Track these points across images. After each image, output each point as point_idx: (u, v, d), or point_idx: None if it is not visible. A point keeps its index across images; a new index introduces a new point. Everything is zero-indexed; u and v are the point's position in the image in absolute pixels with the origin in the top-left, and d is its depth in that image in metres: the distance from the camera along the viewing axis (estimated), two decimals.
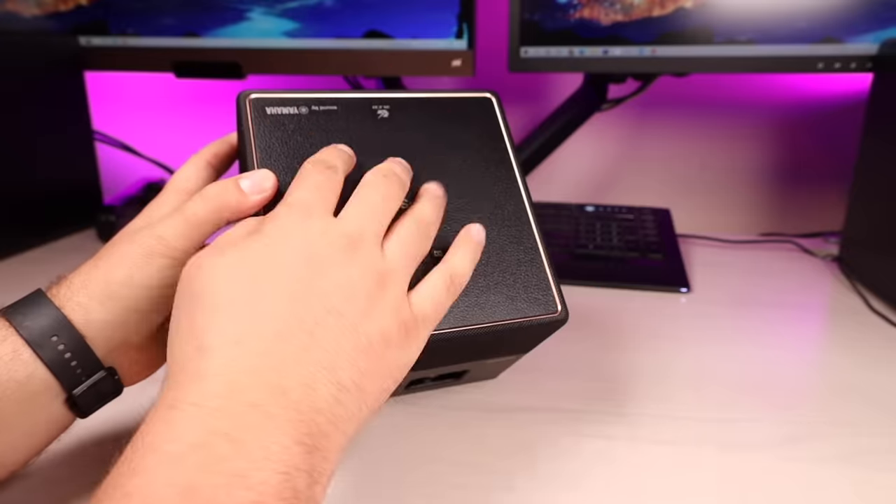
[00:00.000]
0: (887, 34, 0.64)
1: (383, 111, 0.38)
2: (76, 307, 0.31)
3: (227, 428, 0.22)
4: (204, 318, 0.26)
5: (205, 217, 0.32)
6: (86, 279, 0.32)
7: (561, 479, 0.35)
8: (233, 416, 0.22)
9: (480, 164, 0.38)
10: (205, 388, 0.23)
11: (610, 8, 0.68)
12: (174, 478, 0.21)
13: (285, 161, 0.34)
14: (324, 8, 0.73)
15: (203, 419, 0.22)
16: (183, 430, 0.22)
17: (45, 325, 0.30)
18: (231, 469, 0.21)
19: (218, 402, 0.23)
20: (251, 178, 0.33)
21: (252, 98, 0.36)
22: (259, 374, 0.24)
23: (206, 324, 0.25)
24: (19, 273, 0.66)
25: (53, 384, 0.30)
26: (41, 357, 0.30)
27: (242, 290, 0.26)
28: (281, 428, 0.23)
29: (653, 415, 0.41)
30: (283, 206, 0.30)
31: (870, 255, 0.63)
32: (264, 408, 0.23)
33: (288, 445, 0.22)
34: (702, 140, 0.89)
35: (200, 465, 0.21)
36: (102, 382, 0.32)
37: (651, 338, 0.53)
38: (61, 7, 0.79)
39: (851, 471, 0.36)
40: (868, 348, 0.51)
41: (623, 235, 0.72)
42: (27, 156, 0.73)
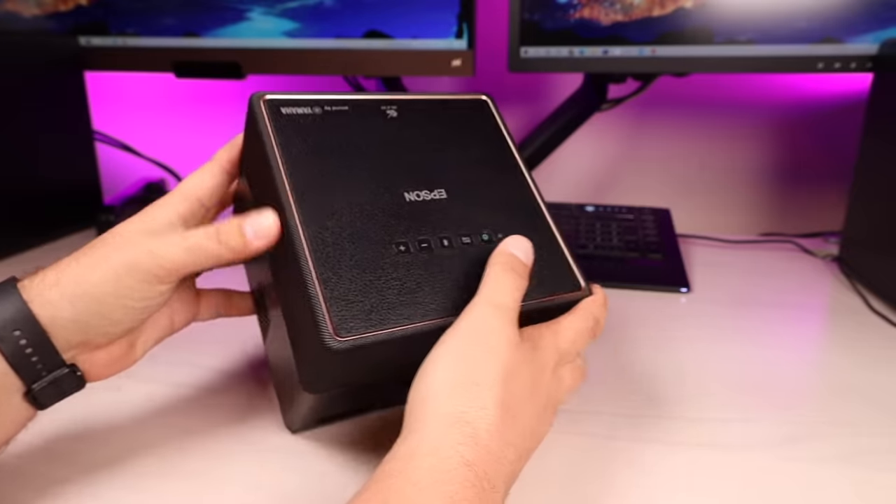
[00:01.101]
0: (887, 34, 0.64)
1: (392, 111, 0.39)
2: (45, 303, 0.31)
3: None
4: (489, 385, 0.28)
5: (207, 254, 0.33)
6: (60, 275, 0.31)
7: (559, 478, 0.35)
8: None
9: (487, 158, 0.40)
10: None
11: (610, 8, 0.68)
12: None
13: (306, 157, 0.34)
14: (324, 8, 0.73)
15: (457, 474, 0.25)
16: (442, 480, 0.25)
17: (8, 318, 0.30)
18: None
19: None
20: (257, 224, 0.33)
21: (267, 99, 0.36)
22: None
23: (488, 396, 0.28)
24: (19, 273, 0.66)
25: (13, 378, 0.30)
26: (3, 352, 0.29)
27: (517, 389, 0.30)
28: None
29: (652, 415, 0.41)
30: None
31: (870, 255, 0.63)
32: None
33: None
34: (701, 140, 0.89)
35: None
36: (63, 379, 0.32)
37: (651, 338, 0.53)
38: (61, 7, 0.79)
39: (851, 471, 0.36)
40: (868, 348, 0.51)
41: (623, 235, 0.72)
42: (27, 156, 0.73)
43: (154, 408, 0.41)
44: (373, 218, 0.34)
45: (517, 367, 0.30)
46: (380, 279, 0.32)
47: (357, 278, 0.31)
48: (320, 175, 0.34)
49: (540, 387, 0.31)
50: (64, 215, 0.79)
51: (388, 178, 0.36)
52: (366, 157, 0.36)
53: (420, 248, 0.34)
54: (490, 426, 0.27)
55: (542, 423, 0.32)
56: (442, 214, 0.35)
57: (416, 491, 0.24)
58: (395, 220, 0.34)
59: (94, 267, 0.32)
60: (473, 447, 0.26)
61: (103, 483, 0.34)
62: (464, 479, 0.25)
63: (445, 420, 0.27)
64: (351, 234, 0.33)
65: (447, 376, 0.28)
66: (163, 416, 0.41)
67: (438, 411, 0.27)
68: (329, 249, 0.32)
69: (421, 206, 0.35)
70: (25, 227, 0.74)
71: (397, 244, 0.33)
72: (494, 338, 0.30)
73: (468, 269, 0.34)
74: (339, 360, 0.29)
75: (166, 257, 0.32)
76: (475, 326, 0.30)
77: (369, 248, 0.33)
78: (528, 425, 0.30)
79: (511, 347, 0.30)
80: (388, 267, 0.32)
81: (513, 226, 0.37)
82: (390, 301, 0.31)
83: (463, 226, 0.35)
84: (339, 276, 0.31)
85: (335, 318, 0.29)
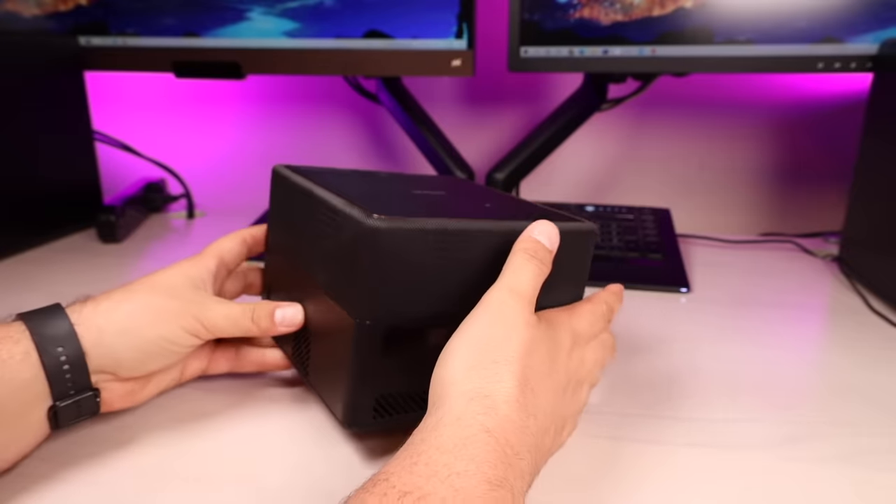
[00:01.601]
0: (887, 34, 0.64)
1: (383, 175, 0.48)
2: (91, 327, 0.35)
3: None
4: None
5: (240, 327, 0.39)
6: (113, 308, 0.36)
7: (560, 479, 0.35)
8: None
9: (479, 189, 0.47)
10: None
11: (610, 8, 0.68)
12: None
13: (320, 178, 0.41)
14: (324, 8, 0.73)
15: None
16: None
17: (57, 335, 0.33)
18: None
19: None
20: (285, 312, 0.39)
21: (288, 166, 0.44)
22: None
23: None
24: (19, 273, 0.66)
25: (45, 389, 0.33)
26: (44, 362, 0.33)
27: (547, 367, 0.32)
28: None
29: (652, 415, 0.41)
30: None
31: (870, 255, 0.63)
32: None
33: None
34: (701, 140, 0.89)
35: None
36: (85, 402, 0.35)
37: (650, 338, 0.53)
38: (61, 7, 0.79)
39: (851, 471, 0.36)
40: (868, 348, 0.51)
41: (623, 235, 0.72)
42: (27, 156, 0.73)
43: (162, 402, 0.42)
44: (390, 193, 0.40)
45: (534, 344, 0.31)
46: (407, 202, 0.38)
47: (382, 202, 0.36)
48: (336, 182, 0.40)
49: (558, 364, 0.33)
50: (64, 215, 0.79)
51: (395, 185, 0.44)
52: (374, 179, 0.45)
53: (432, 198, 0.40)
54: (509, 398, 0.29)
55: (564, 402, 0.34)
56: (447, 198, 0.41)
57: (442, 455, 0.26)
58: (408, 196, 0.40)
59: (147, 310, 0.36)
60: (493, 416, 0.28)
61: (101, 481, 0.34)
62: (485, 443, 0.27)
63: (466, 395, 0.29)
64: (373, 192, 0.39)
65: (467, 357, 0.30)
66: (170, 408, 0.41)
67: (460, 389, 0.29)
68: (353, 193, 0.37)
69: (428, 195, 0.42)
70: (25, 227, 0.74)
71: (413, 196, 0.40)
72: (512, 320, 0.31)
73: (481, 211, 0.39)
74: (384, 248, 0.32)
75: (211, 320, 0.38)
76: (493, 311, 0.32)
77: (390, 195, 0.39)
78: (548, 400, 0.32)
79: (528, 328, 0.31)
80: (408, 199, 0.39)
81: (510, 205, 0.42)
82: (420, 211, 0.35)
83: (467, 201, 0.41)
84: (368, 196, 0.37)
85: (370, 209, 0.33)
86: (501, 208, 0.41)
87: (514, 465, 0.27)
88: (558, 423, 0.33)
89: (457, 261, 0.35)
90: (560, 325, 0.35)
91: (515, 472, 0.27)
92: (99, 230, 0.76)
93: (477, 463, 0.26)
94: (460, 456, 0.26)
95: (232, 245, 0.44)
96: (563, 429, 0.35)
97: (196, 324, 0.37)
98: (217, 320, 0.38)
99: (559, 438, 0.35)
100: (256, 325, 0.39)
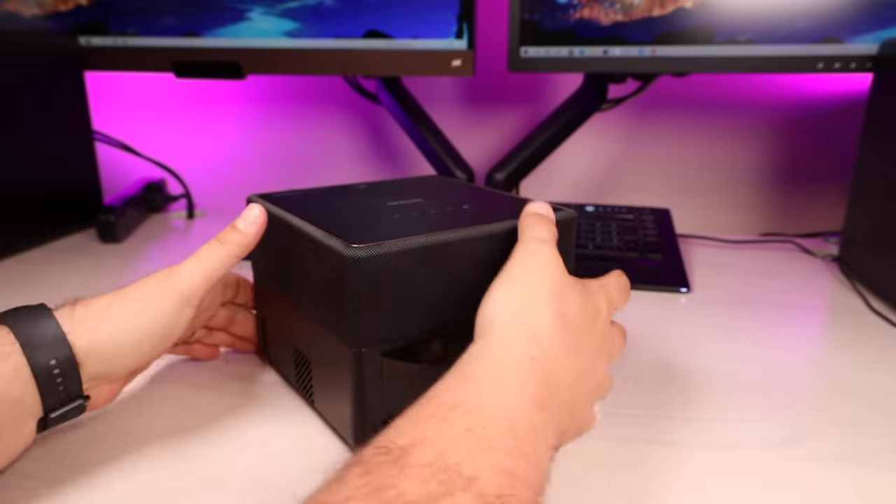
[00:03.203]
0: (887, 34, 0.64)
1: (361, 187, 0.48)
2: (85, 332, 0.33)
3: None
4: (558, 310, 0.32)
5: (216, 259, 0.37)
6: (107, 305, 0.35)
7: (559, 479, 0.35)
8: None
9: (457, 188, 0.48)
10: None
11: (610, 8, 0.68)
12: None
13: (295, 202, 0.42)
14: (324, 8, 0.73)
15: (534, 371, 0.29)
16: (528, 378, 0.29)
17: (49, 346, 0.32)
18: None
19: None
20: (244, 217, 0.38)
21: (260, 193, 0.45)
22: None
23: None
24: (19, 273, 0.66)
25: (37, 403, 0.32)
26: (37, 378, 0.32)
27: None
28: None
29: (652, 415, 0.41)
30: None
31: (870, 255, 0.63)
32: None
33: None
34: (701, 140, 0.89)
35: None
36: (75, 410, 0.34)
37: (651, 338, 0.53)
38: (61, 7, 0.79)
39: (851, 471, 0.36)
40: (868, 348, 0.51)
41: (623, 235, 0.72)
42: (27, 156, 0.73)
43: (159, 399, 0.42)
44: (363, 212, 0.40)
45: (567, 289, 0.33)
46: (381, 225, 0.37)
47: (359, 225, 0.37)
48: (310, 205, 0.41)
49: (597, 321, 0.35)
50: (64, 215, 0.79)
51: (369, 199, 0.44)
52: (348, 195, 0.45)
53: (412, 213, 0.40)
54: (550, 330, 0.31)
55: (599, 363, 0.35)
56: (424, 205, 0.42)
57: (491, 375, 0.28)
58: (383, 210, 0.41)
59: (133, 298, 0.35)
60: (537, 346, 0.30)
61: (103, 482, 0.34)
62: (530, 369, 0.29)
63: (512, 326, 0.31)
64: (347, 214, 0.39)
65: (510, 296, 0.32)
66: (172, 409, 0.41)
67: (505, 321, 0.31)
68: (329, 220, 0.37)
69: (404, 205, 0.42)
70: (25, 227, 0.74)
71: (390, 214, 0.39)
72: (545, 261, 0.34)
73: (461, 214, 0.39)
74: (364, 274, 0.33)
75: (189, 276, 0.36)
76: (527, 256, 0.34)
77: (364, 217, 0.39)
78: (586, 345, 0.33)
79: (558, 270, 0.34)
80: (386, 219, 0.38)
81: (490, 203, 0.42)
82: (396, 232, 0.35)
83: (445, 205, 0.42)
84: (342, 225, 0.36)
85: (346, 237, 0.34)
86: (480, 208, 0.41)
87: (554, 394, 0.29)
88: (588, 373, 0.34)
89: (442, 273, 0.35)
90: (593, 289, 0.36)
91: (556, 401, 0.29)
92: (99, 230, 0.76)
93: (524, 385, 0.28)
94: (508, 378, 0.28)
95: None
96: (590, 386, 0.35)
97: (180, 288, 0.36)
98: (192, 271, 0.36)
99: (586, 387, 0.34)
100: (229, 242, 0.37)
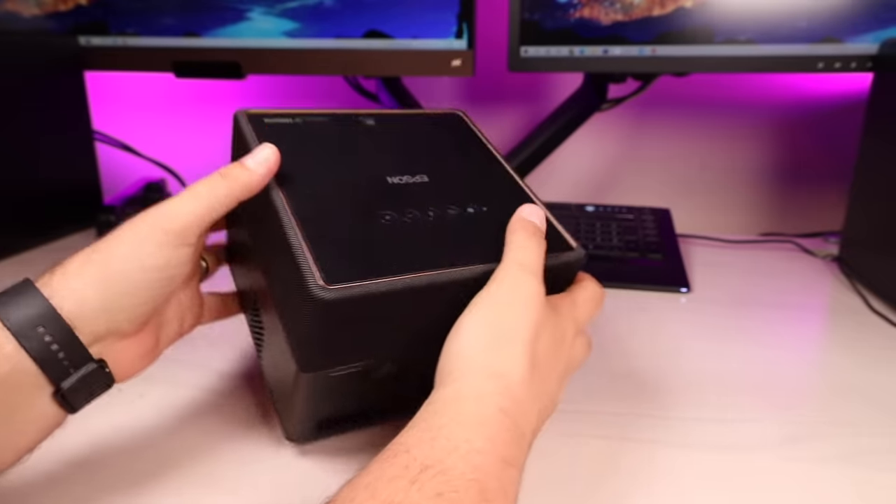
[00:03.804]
0: (887, 34, 0.64)
1: (369, 121, 0.41)
2: (69, 294, 0.30)
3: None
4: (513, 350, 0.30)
5: (217, 195, 0.33)
6: (83, 262, 0.31)
7: (560, 479, 0.35)
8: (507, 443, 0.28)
9: (466, 153, 0.42)
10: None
11: (610, 7, 0.68)
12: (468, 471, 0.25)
13: (290, 154, 0.35)
14: (324, 8, 0.73)
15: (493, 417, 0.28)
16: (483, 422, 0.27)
17: (32, 315, 0.29)
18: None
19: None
20: (254, 155, 0.34)
21: (250, 113, 0.38)
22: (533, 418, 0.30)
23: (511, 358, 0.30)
24: (19, 273, 0.66)
25: (39, 377, 0.29)
26: (26, 348, 0.29)
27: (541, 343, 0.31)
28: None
29: (652, 415, 0.41)
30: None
31: (870, 255, 0.63)
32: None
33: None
34: (701, 140, 0.89)
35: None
36: (92, 376, 0.31)
37: (651, 338, 0.53)
38: (61, 7, 0.79)
39: (851, 471, 0.36)
40: (868, 348, 0.51)
41: (623, 235, 0.72)
42: (27, 156, 0.73)
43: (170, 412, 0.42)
44: (357, 195, 0.35)
45: (543, 327, 0.32)
46: (366, 240, 0.32)
47: (342, 238, 0.32)
48: (305, 166, 0.36)
49: (562, 351, 0.34)
50: (64, 215, 0.79)
51: (370, 166, 0.37)
52: (348, 152, 0.38)
53: (406, 217, 0.34)
54: (522, 380, 0.30)
55: (560, 388, 0.34)
56: (425, 194, 0.36)
57: (462, 431, 0.27)
58: (379, 197, 0.35)
59: (117, 244, 0.32)
60: (508, 397, 0.29)
61: None
62: (500, 423, 0.28)
63: (483, 373, 0.29)
64: (337, 205, 0.34)
65: (483, 334, 0.30)
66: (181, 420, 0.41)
67: (476, 364, 0.30)
68: (313, 214, 0.32)
69: (404, 187, 0.36)
70: (25, 227, 0.74)
71: (382, 215, 0.34)
72: (526, 298, 0.31)
73: (456, 230, 0.35)
74: (330, 315, 0.29)
75: (180, 212, 0.32)
76: (507, 288, 0.32)
77: (354, 216, 0.33)
78: (552, 384, 0.33)
79: (541, 307, 0.32)
80: (374, 231, 0.33)
81: (496, 199, 0.38)
82: (377, 258, 0.31)
83: (447, 201, 0.36)
84: (324, 235, 0.31)
85: (323, 268, 0.30)
86: (488, 208, 0.37)
87: (521, 446, 0.28)
88: (550, 409, 0.34)
89: (406, 314, 0.32)
90: (564, 313, 0.34)
91: (523, 452, 0.29)
92: (99, 230, 0.76)
93: (494, 442, 0.27)
94: (479, 434, 0.27)
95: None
96: (550, 414, 0.34)
97: (171, 226, 0.32)
98: (188, 206, 0.32)
99: (546, 420, 0.34)
100: (233, 179, 0.33)
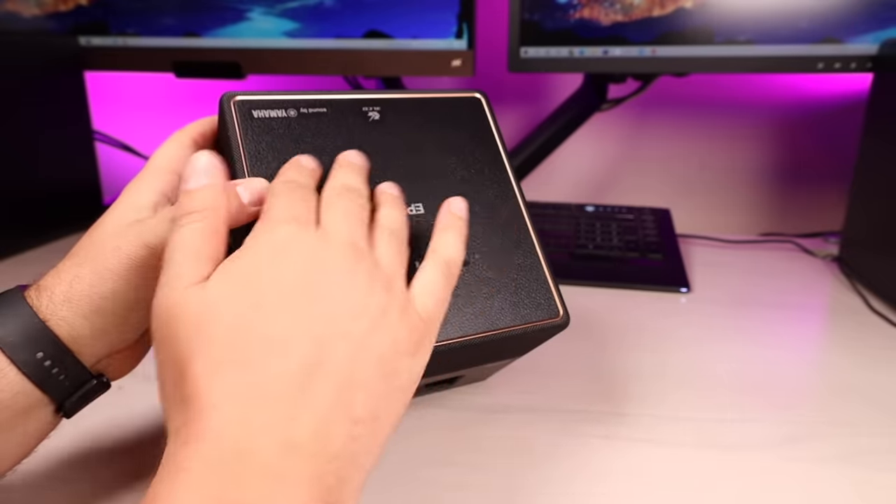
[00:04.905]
0: (887, 34, 0.64)
1: (374, 113, 0.36)
2: (60, 322, 0.30)
3: (235, 497, 0.20)
4: (197, 369, 0.23)
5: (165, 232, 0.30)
6: (69, 292, 0.30)
7: (560, 479, 0.35)
8: (240, 483, 0.21)
9: (474, 166, 0.37)
10: (207, 451, 0.21)
11: (610, 8, 0.68)
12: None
13: (276, 169, 0.31)
14: (324, 8, 0.73)
15: (208, 486, 0.20)
16: (188, 497, 0.20)
17: (30, 339, 0.29)
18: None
19: (223, 467, 0.21)
20: (250, 187, 0.30)
21: (237, 100, 0.34)
22: (266, 431, 0.22)
23: (201, 375, 0.22)
24: (19, 273, 0.66)
25: (42, 398, 0.30)
26: (28, 376, 0.29)
27: (239, 329, 0.23)
28: (295, 490, 0.21)
29: (652, 415, 0.41)
30: (265, 223, 0.27)
31: (870, 255, 0.63)
32: (274, 469, 0.21)
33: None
34: (701, 140, 0.89)
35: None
36: (92, 389, 0.31)
37: (651, 338, 0.53)
38: (61, 7, 0.79)
39: (851, 471, 0.36)
40: (868, 348, 0.51)
41: (623, 235, 0.72)
42: (27, 156, 0.73)
43: None
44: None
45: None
46: None
47: None
48: None
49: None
50: (64, 215, 0.79)
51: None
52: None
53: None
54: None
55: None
56: (418, 233, 0.32)
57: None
58: None
59: (101, 280, 0.30)
60: None
61: None
62: None
63: None
64: None
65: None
66: None
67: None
68: None
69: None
70: (25, 227, 0.74)
71: None
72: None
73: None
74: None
75: (162, 243, 0.29)
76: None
77: None
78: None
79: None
80: None
81: (495, 246, 0.35)
82: None
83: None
84: None
85: None
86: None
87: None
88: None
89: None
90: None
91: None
92: None
93: None
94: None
95: (176, 149, 0.35)
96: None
97: (148, 262, 0.30)
98: (167, 235, 0.28)
99: None
100: (228, 209, 0.29)
